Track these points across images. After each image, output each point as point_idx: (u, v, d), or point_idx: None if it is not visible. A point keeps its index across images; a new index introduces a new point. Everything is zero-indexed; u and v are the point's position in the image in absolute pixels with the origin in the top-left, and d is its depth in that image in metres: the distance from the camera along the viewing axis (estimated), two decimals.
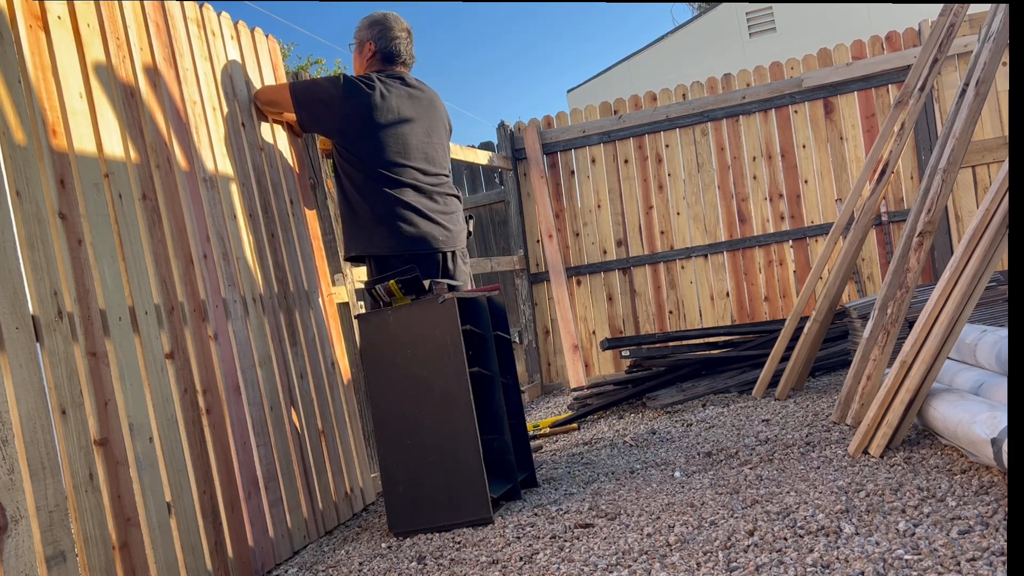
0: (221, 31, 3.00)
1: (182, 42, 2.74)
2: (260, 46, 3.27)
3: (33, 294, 1.91)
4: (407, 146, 3.07)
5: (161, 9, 2.66)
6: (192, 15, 2.84)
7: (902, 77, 5.51)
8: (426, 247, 3.06)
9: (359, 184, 3.05)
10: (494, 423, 2.95)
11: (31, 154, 1.99)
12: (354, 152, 3.04)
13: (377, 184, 3.02)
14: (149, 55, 2.55)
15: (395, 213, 3.02)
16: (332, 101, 3.04)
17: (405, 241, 3.03)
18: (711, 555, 1.98)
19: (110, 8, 2.40)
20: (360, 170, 3.04)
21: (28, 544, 1.75)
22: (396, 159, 3.04)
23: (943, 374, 2.89)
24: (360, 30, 3.23)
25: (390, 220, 3.02)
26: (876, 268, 5.68)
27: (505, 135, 6.16)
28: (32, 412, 1.83)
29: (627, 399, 4.66)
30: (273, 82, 3.30)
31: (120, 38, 2.42)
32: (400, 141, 3.05)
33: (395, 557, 2.50)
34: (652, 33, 61.62)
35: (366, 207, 3.04)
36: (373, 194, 3.03)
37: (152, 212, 2.40)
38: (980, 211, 2.44)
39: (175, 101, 2.63)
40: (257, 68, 3.20)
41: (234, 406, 2.59)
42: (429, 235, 3.07)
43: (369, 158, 3.02)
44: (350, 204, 3.09)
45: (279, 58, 3.40)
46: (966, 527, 1.87)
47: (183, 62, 2.72)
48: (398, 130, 3.05)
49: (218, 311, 2.61)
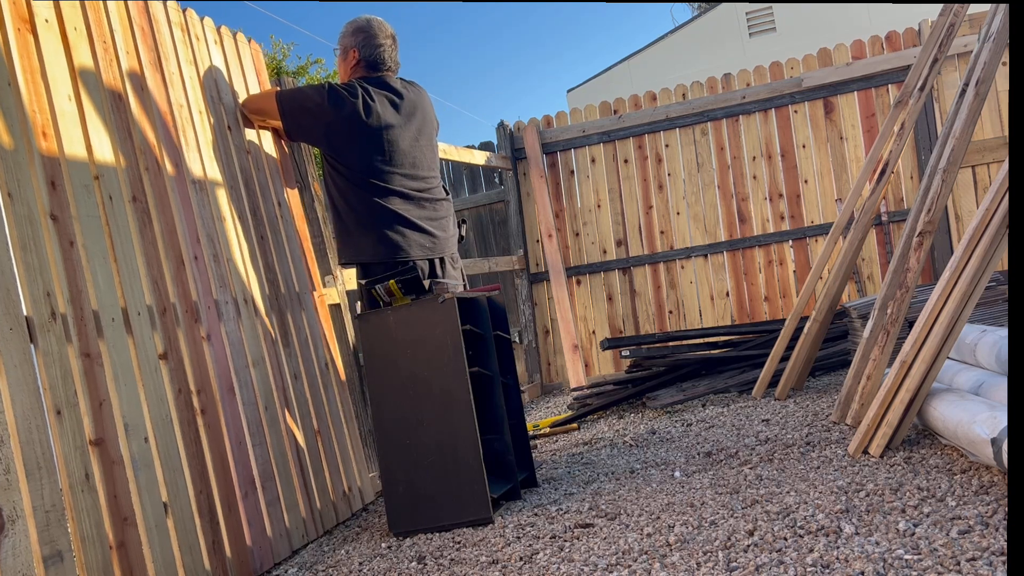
0: (205, 35, 3.01)
1: (167, 46, 2.75)
2: (243, 50, 3.27)
3: (26, 295, 1.91)
4: (393, 153, 3.06)
5: (146, 13, 2.66)
6: (176, 19, 2.84)
7: (902, 77, 5.50)
8: (412, 254, 3.06)
9: (346, 192, 3.05)
10: (494, 423, 2.94)
11: (21, 156, 1.99)
12: (340, 160, 3.04)
13: (363, 192, 3.02)
14: (135, 59, 2.56)
15: (381, 221, 3.03)
16: (317, 110, 3.03)
17: (392, 248, 3.03)
18: (711, 555, 1.97)
19: (96, 11, 2.40)
20: (347, 178, 3.04)
21: (25, 544, 1.75)
22: (382, 167, 3.03)
23: (943, 374, 2.88)
24: (344, 36, 3.20)
25: (376, 228, 3.02)
26: (876, 268, 5.67)
27: (505, 135, 6.15)
28: (27, 412, 1.82)
29: (627, 399, 4.66)
30: (256, 85, 3.29)
31: (107, 41, 2.43)
32: (385, 149, 3.05)
33: (395, 557, 2.50)
34: (652, 33, 61.68)
35: (353, 215, 3.05)
36: (360, 202, 3.03)
37: (142, 214, 2.40)
38: (980, 211, 2.44)
39: (162, 104, 2.63)
40: (241, 72, 3.21)
41: (229, 406, 2.59)
42: (416, 243, 3.07)
43: (355, 166, 3.02)
44: (338, 211, 3.10)
45: (262, 62, 3.40)
46: (966, 527, 1.87)
47: (169, 66, 2.72)
48: (383, 137, 3.04)
49: (210, 312, 2.60)
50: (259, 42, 3.46)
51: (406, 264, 3.03)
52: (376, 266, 3.04)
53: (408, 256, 3.05)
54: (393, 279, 2.90)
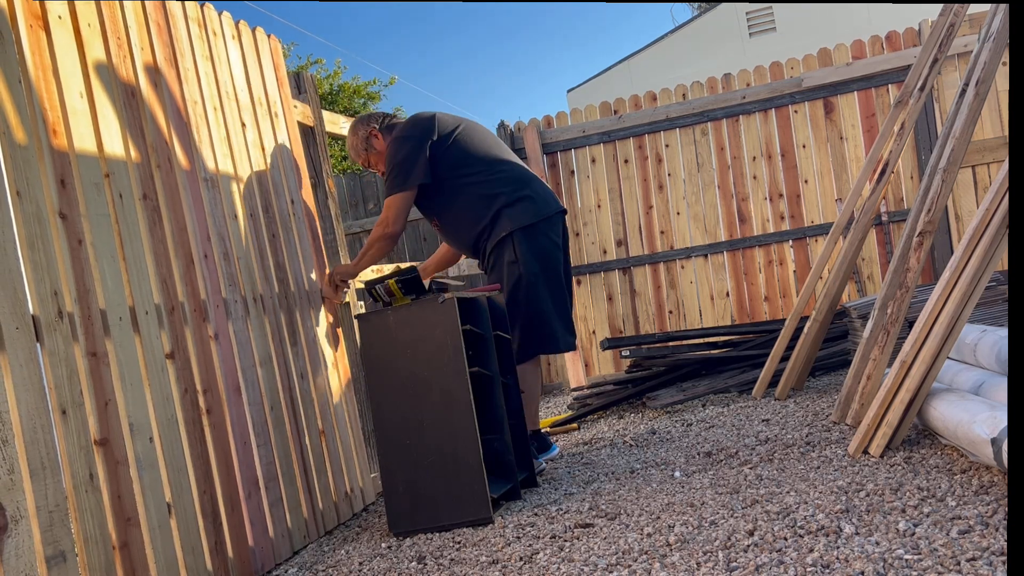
0: (222, 31, 3.00)
1: (183, 42, 2.74)
2: (261, 46, 3.26)
3: (33, 294, 1.91)
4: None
5: (162, 9, 2.65)
6: (193, 15, 2.83)
7: (902, 77, 5.51)
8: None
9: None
10: (494, 423, 2.95)
11: (31, 154, 1.98)
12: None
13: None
14: (150, 55, 2.55)
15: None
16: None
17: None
18: (711, 555, 1.98)
19: (111, 8, 2.40)
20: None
21: (28, 544, 1.75)
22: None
23: (943, 374, 2.89)
24: (359, 148, 3.55)
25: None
26: (876, 268, 5.68)
27: (505, 135, 6.15)
28: (32, 412, 1.83)
29: (627, 399, 4.66)
30: (274, 81, 3.30)
31: (121, 37, 2.42)
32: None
33: (395, 557, 2.50)
34: (652, 33, 61.57)
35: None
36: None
37: (153, 212, 2.40)
38: (980, 211, 2.44)
39: (176, 101, 2.63)
40: (259, 68, 3.20)
41: (234, 406, 2.59)
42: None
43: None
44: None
45: (281, 59, 3.40)
46: (966, 527, 1.87)
47: (184, 62, 2.71)
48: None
49: (219, 311, 2.61)
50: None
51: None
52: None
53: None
54: (393, 279, 2.91)
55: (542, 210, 3.41)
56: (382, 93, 16.69)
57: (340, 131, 3.85)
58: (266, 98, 3.20)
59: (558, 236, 3.49)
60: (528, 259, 3.36)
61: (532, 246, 3.37)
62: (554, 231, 3.46)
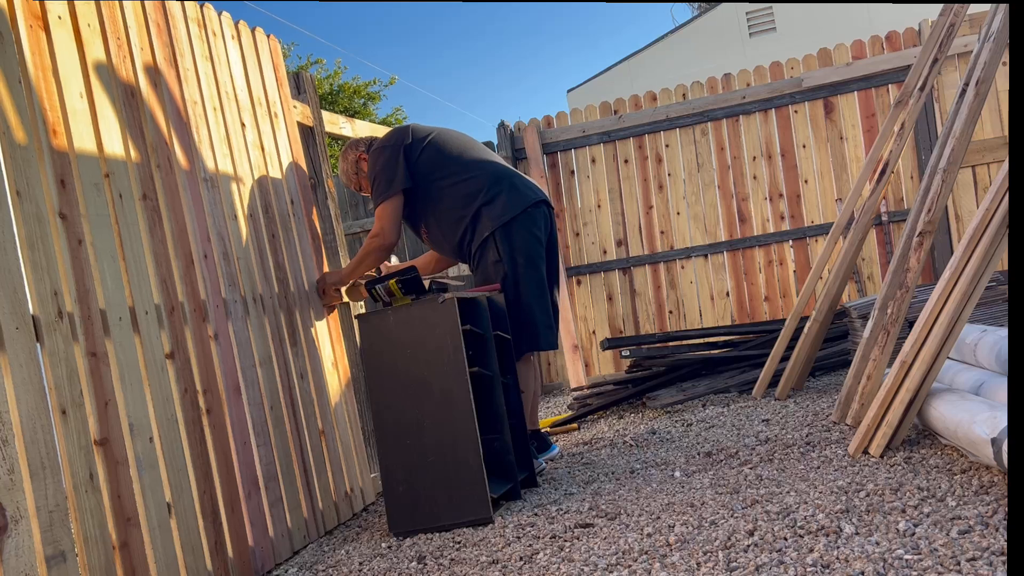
0: (222, 31, 3.00)
1: (183, 42, 2.74)
2: (261, 46, 3.27)
3: (33, 294, 1.91)
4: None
5: (162, 9, 2.65)
6: (193, 15, 2.83)
7: (902, 77, 5.51)
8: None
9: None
10: (494, 423, 2.95)
11: (31, 154, 1.98)
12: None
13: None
14: (150, 55, 2.55)
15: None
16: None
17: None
18: (711, 555, 1.98)
19: (111, 8, 2.40)
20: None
21: (28, 544, 1.75)
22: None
23: (943, 374, 2.89)
24: (350, 173, 3.59)
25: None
26: (876, 268, 5.68)
27: (505, 135, 6.15)
28: (32, 412, 1.82)
29: (627, 399, 4.66)
30: (274, 81, 3.30)
31: (121, 38, 2.42)
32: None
33: (395, 557, 2.50)
34: (652, 33, 61.61)
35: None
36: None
37: (152, 212, 2.40)
38: (980, 211, 2.44)
39: (176, 101, 2.63)
40: (258, 68, 3.20)
41: (234, 406, 2.59)
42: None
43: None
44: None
45: (280, 59, 3.40)
46: (966, 527, 1.87)
47: (184, 62, 2.71)
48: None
49: (218, 311, 2.61)
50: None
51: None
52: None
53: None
54: (393, 279, 2.91)
55: (520, 202, 3.40)
56: (382, 93, 16.70)
57: (340, 131, 3.85)
58: (266, 98, 3.20)
59: (540, 230, 3.47)
60: (511, 258, 3.37)
61: (514, 244, 3.37)
62: (536, 225, 3.44)
